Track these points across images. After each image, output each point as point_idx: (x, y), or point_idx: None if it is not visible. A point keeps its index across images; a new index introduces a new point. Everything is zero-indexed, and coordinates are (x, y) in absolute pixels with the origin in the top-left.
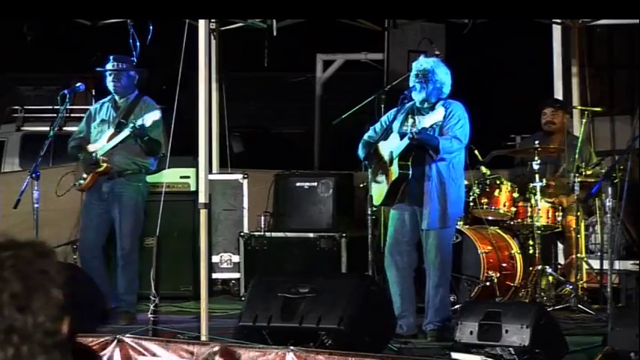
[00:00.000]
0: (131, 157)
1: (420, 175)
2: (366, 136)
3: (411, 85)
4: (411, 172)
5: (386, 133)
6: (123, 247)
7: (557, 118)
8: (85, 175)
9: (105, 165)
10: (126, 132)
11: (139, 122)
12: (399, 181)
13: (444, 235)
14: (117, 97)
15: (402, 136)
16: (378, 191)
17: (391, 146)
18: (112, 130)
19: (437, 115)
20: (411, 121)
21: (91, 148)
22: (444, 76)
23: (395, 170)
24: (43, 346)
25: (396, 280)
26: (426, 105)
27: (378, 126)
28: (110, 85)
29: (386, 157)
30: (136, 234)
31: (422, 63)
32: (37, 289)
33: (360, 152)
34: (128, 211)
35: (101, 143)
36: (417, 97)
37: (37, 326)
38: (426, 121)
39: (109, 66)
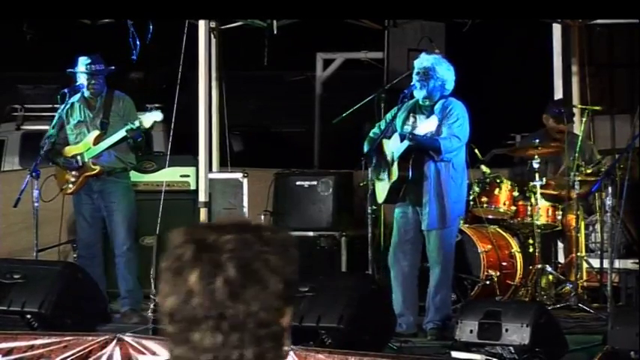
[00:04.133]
0: (117, 155)
1: (420, 176)
2: (371, 133)
3: (412, 83)
4: (410, 173)
5: (390, 132)
6: (122, 244)
7: (563, 125)
8: (73, 180)
9: (98, 168)
10: (121, 133)
11: (137, 123)
12: (399, 182)
13: (444, 235)
14: (87, 95)
15: (403, 137)
16: (382, 189)
17: (393, 147)
18: (96, 132)
19: (430, 124)
20: (412, 120)
21: (72, 151)
22: (445, 72)
23: (395, 172)
24: (255, 336)
25: (398, 278)
26: (428, 103)
27: (383, 123)
28: (89, 85)
29: (388, 157)
30: (133, 230)
31: (422, 61)
32: (253, 276)
33: (365, 147)
34: (123, 208)
35: (86, 146)
36: (418, 95)
37: (250, 315)
38: (420, 129)
39: (82, 66)
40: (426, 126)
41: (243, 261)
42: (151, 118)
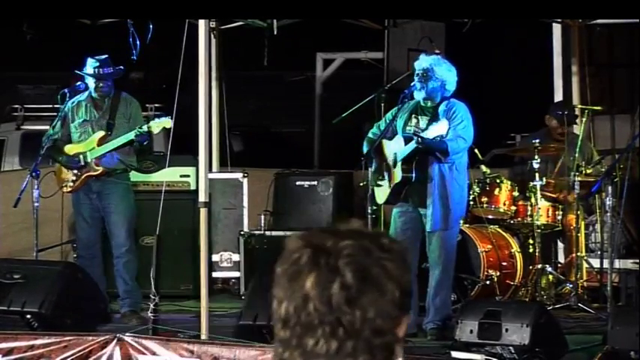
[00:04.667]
0: (120, 157)
1: (423, 177)
2: (370, 133)
3: (413, 84)
4: (414, 175)
5: (390, 132)
6: (122, 245)
7: (565, 128)
8: (73, 178)
9: (100, 169)
10: (129, 136)
11: (145, 128)
12: (401, 184)
13: (447, 236)
14: (94, 96)
15: (407, 139)
16: (382, 190)
17: (396, 148)
18: (102, 133)
19: (440, 127)
20: (414, 121)
21: (74, 149)
22: (445, 73)
23: (398, 173)
24: (370, 344)
25: None
26: (429, 104)
27: (382, 123)
28: (97, 88)
29: (390, 158)
30: (132, 231)
31: (422, 62)
32: (370, 282)
33: (364, 148)
34: (122, 210)
35: (89, 145)
36: (418, 96)
37: (366, 322)
38: (430, 132)
39: (90, 69)
40: (436, 129)
41: (361, 266)
42: (160, 124)
